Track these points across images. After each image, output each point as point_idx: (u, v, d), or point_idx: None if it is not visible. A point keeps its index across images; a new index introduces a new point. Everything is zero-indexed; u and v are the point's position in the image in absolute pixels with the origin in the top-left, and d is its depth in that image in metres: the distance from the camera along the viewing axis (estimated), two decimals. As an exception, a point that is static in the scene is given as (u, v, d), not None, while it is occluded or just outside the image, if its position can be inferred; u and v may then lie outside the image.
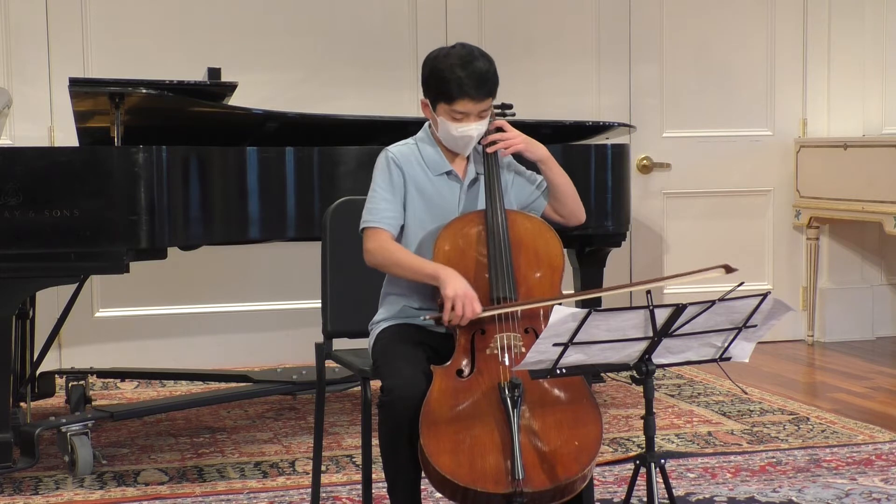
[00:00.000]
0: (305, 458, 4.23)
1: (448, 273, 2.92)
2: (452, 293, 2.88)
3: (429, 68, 3.08)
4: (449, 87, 3.02)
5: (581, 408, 2.88)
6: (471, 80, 3.01)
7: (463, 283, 2.90)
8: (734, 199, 6.51)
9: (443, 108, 3.06)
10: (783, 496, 3.72)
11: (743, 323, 2.70)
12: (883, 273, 6.64)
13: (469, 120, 3.05)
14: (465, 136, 3.07)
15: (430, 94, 3.09)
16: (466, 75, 3.01)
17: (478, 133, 3.09)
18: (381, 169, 3.13)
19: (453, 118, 3.05)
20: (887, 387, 5.39)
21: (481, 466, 2.76)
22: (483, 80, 3.02)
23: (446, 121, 3.07)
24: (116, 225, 3.83)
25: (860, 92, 6.51)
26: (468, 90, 3.01)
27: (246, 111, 4.41)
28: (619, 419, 4.77)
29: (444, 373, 2.88)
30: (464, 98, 3.02)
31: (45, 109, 5.64)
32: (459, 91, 3.01)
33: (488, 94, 3.05)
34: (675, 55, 6.36)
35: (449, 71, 3.02)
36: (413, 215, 3.11)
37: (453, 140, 3.09)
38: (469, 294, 2.89)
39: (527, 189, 3.21)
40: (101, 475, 4.03)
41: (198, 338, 5.89)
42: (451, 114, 3.05)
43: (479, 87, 3.02)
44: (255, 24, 5.88)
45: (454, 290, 2.89)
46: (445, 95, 3.04)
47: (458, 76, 3.01)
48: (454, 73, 3.01)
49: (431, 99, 3.09)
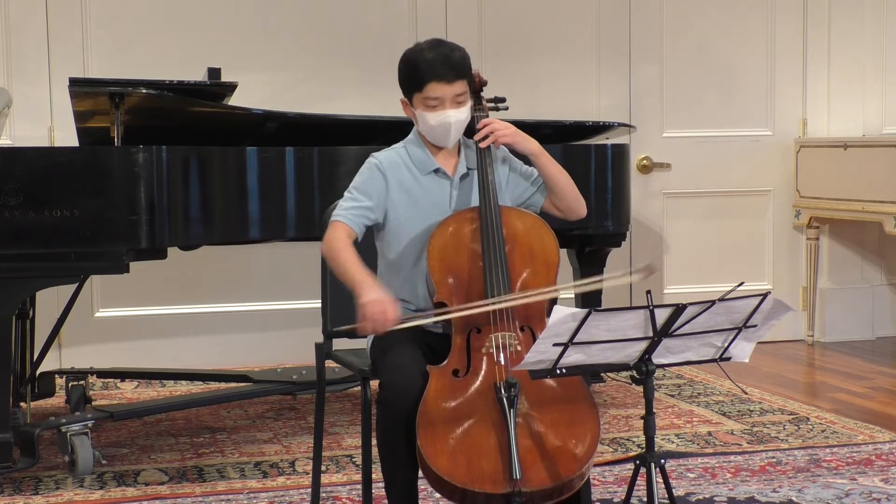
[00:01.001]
0: (305, 458, 4.23)
1: (366, 286, 2.91)
2: (365, 302, 2.87)
3: (401, 63, 3.12)
4: (418, 72, 3.04)
5: (578, 407, 2.87)
6: (437, 60, 3.03)
7: (378, 294, 2.88)
8: (734, 199, 6.51)
9: (417, 98, 3.07)
10: (783, 496, 3.72)
11: (743, 323, 2.70)
12: (883, 273, 6.64)
13: (444, 107, 3.05)
14: (442, 124, 3.07)
15: (405, 88, 3.11)
16: (433, 57, 3.04)
17: (456, 120, 3.08)
18: (362, 172, 3.16)
19: (428, 106, 3.06)
20: (887, 387, 5.39)
21: (478, 467, 2.75)
22: (448, 60, 3.04)
23: (423, 112, 3.07)
24: (116, 225, 3.83)
25: (860, 92, 6.51)
26: (436, 70, 3.02)
27: (246, 111, 4.41)
28: (619, 419, 4.77)
29: (441, 373, 2.88)
30: (432, 80, 3.03)
31: (45, 109, 5.64)
32: (427, 73, 3.03)
33: (457, 75, 3.05)
34: (675, 55, 6.36)
35: (417, 55, 3.06)
36: (401, 217, 3.11)
37: (432, 131, 3.09)
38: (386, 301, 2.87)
39: (522, 185, 3.21)
40: (101, 475, 4.03)
41: (198, 338, 5.89)
42: (425, 103, 3.05)
43: (445, 66, 3.03)
44: (255, 24, 5.88)
45: (367, 300, 2.87)
46: (416, 82, 3.05)
47: (425, 58, 3.04)
48: (421, 56, 3.05)
49: (407, 93, 3.11)
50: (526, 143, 3.14)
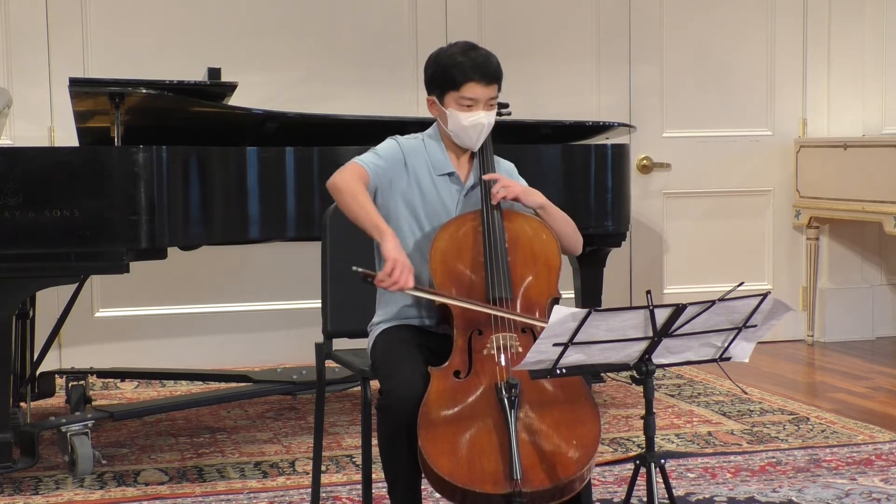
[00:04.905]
0: (305, 458, 4.23)
1: (389, 236, 2.93)
2: (395, 257, 2.89)
3: (433, 62, 3.13)
4: (454, 73, 3.06)
5: (579, 407, 2.87)
6: (477, 62, 3.07)
7: (402, 256, 2.91)
8: (734, 199, 6.51)
9: (451, 97, 3.08)
10: (783, 496, 3.72)
11: (743, 323, 2.70)
12: (883, 273, 6.64)
13: (478, 108, 3.08)
14: (476, 125, 3.08)
15: (437, 88, 3.12)
16: (470, 60, 3.07)
17: (488, 122, 3.10)
18: (385, 144, 3.16)
19: (463, 106, 3.08)
20: (887, 387, 5.39)
21: (479, 467, 2.75)
22: (486, 64, 3.08)
23: (456, 111, 3.08)
24: (116, 225, 3.83)
25: (860, 92, 6.51)
26: (473, 73, 3.06)
27: (246, 111, 4.41)
28: (619, 419, 4.77)
29: (441, 374, 2.88)
30: (469, 81, 3.06)
31: (45, 109, 5.64)
32: (464, 75, 3.05)
33: (493, 79, 3.09)
34: (675, 55, 6.36)
35: (452, 59, 3.08)
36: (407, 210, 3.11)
37: (464, 130, 3.10)
38: (408, 264, 2.90)
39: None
40: (101, 475, 4.03)
41: (198, 338, 5.89)
42: (460, 102, 3.07)
43: (484, 69, 3.07)
44: (255, 24, 5.88)
45: (397, 255, 2.89)
46: (452, 83, 3.07)
47: (462, 61, 3.07)
48: (457, 59, 3.08)
49: (438, 93, 3.11)
50: (533, 198, 3.13)
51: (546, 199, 3.14)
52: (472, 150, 3.16)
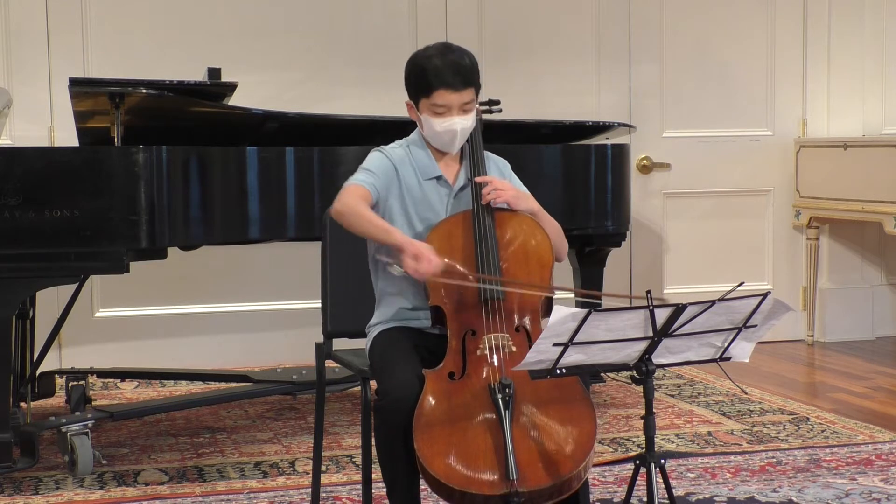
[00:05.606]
0: (305, 458, 4.23)
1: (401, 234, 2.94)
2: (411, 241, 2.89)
3: (408, 66, 3.12)
4: (426, 78, 3.03)
5: (574, 406, 2.86)
6: (447, 68, 3.02)
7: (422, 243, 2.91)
8: (734, 199, 6.51)
9: (424, 103, 3.06)
10: (783, 496, 3.72)
11: (743, 323, 2.70)
12: (883, 273, 6.64)
13: (451, 114, 3.04)
14: (448, 131, 3.06)
15: (412, 92, 3.11)
16: (442, 64, 3.02)
17: (462, 127, 3.07)
18: (372, 158, 3.14)
19: (435, 112, 3.05)
20: (887, 387, 5.39)
21: (475, 468, 2.75)
22: (458, 68, 3.02)
23: (429, 117, 3.06)
24: (116, 225, 3.83)
25: (860, 92, 6.51)
26: (445, 78, 3.01)
27: (246, 111, 4.41)
28: (619, 419, 4.77)
29: (436, 376, 2.88)
30: (441, 87, 3.02)
31: (45, 109, 5.65)
32: (436, 80, 3.02)
33: (466, 83, 3.04)
34: (675, 55, 6.36)
35: (426, 61, 3.05)
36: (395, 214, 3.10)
37: (438, 137, 3.08)
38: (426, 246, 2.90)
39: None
40: (101, 475, 4.03)
41: (198, 338, 5.89)
42: (432, 109, 3.05)
43: (455, 75, 3.01)
44: (255, 24, 5.88)
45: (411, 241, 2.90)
46: (424, 88, 3.05)
47: (435, 65, 3.03)
48: (431, 62, 3.04)
49: (413, 97, 3.10)
50: (525, 203, 3.10)
51: (537, 205, 3.11)
52: (450, 153, 3.13)
